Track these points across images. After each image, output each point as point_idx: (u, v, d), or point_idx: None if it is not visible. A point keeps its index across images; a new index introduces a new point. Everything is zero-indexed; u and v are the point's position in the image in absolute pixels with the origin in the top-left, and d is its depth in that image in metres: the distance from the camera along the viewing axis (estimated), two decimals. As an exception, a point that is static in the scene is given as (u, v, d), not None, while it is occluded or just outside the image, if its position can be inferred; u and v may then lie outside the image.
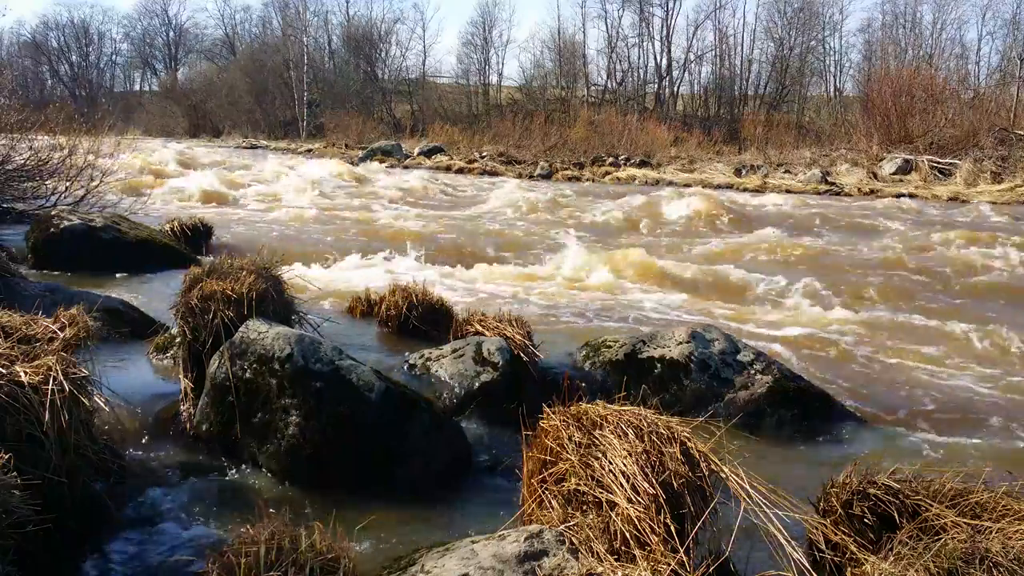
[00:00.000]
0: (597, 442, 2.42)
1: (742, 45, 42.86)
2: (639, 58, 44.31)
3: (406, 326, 5.07)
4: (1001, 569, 2.04)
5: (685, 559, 2.11)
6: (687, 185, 20.00)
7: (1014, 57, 32.26)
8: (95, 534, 2.71)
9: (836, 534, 2.41)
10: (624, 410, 2.50)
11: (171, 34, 64.30)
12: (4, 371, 2.59)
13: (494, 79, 47.44)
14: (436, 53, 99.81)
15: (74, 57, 63.22)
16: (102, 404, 3.04)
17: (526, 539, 2.23)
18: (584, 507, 2.36)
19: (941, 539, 2.16)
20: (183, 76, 59.90)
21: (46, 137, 10.25)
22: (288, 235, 9.71)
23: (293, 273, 4.23)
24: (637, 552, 2.14)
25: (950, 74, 30.61)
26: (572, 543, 2.23)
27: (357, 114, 40.97)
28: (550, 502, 2.47)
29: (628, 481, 2.26)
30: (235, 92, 48.22)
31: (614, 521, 2.23)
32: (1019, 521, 2.24)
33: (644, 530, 2.17)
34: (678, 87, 44.17)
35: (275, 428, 3.25)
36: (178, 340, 3.96)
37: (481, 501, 3.22)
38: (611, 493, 2.27)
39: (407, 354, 4.41)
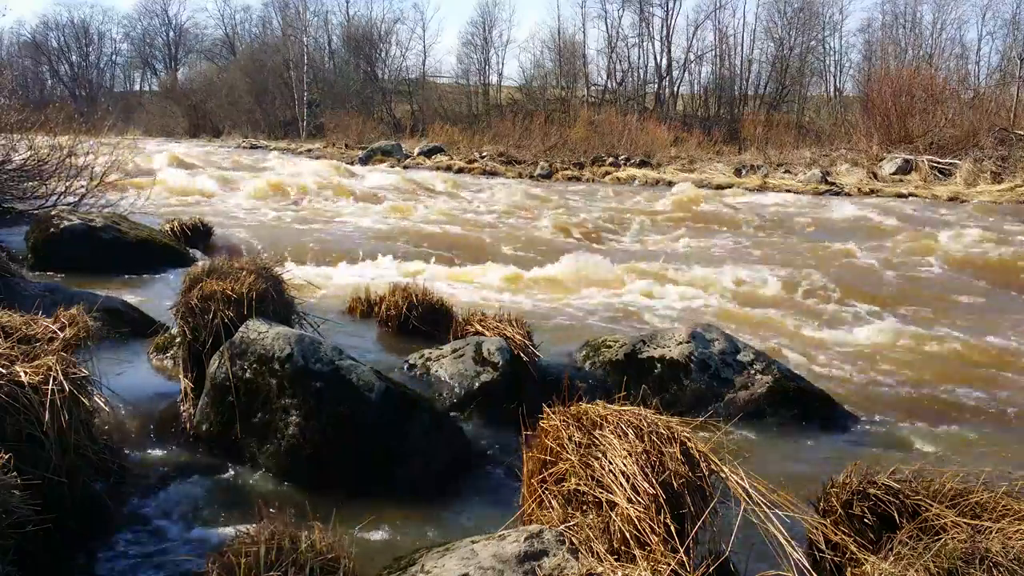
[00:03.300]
0: (597, 442, 2.42)
1: (742, 45, 42.84)
2: (639, 58, 44.30)
3: (406, 326, 5.07)
4: (1001, 569, 2.04)
5: (685, 559, 2.11)
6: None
7: (1014, 57, 32.24)
8: (95, 534, 2.71)
9: (836, 534, 2.40)
10: (624, 410, 2.50)
11: (171, 34, 64.23)
12: (4, 371, 2.59)
13: (494, 79, 47.41)
14: (436, 53, 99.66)
15: (74, 57, 63.15)
16: (102, 404, 3.04)
17: (526, 539, 2.23)
18: (584, 507, 2.36)
19: (941, 539, 2.16)
20: (183, 76, 59.83)
21: (46, 137, 10.24)
22: (288, 235, 9.70)
23: (293, 273, 4.22)
24: (637, 552, 2.14)
25: (950, 74, 30.60)
26: (572, 543, 2.22)
27: (357, 114, 40.89)
28: (550, 502, 2.47)
29: (628, 481, 2.26)
30: (235, 92, 48.14)
31: (614, 521, 2.22)
32: (1019, 521, 2.24)
33: (644, 530, 2.17)
34: (678, 87, 44.15)
35: (275, 428, 3.25)
36: (178, 340, 3.96)
37: (481, 501, 3.22)
38: (611, 493, 2.27)
39: (407, 354, 4.41)
